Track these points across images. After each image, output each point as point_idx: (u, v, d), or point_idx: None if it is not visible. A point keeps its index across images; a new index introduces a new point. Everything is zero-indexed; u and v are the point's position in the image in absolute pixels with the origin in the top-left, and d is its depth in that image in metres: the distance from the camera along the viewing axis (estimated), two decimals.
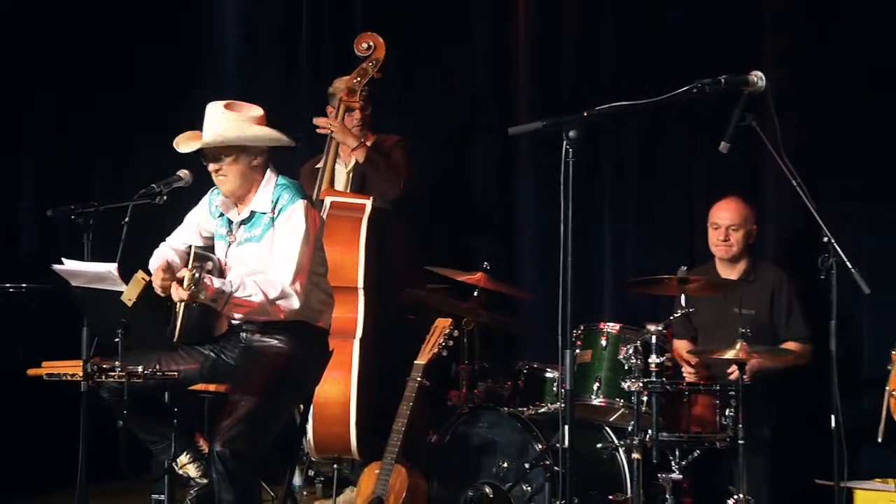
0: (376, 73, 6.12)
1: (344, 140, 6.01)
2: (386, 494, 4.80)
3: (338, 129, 6.00)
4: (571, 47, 6.86)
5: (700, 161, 6.35)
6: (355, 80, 6.10)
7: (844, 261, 4.27)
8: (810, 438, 5.04)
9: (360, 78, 6.10)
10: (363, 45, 6.16)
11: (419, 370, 5.02)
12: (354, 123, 6.10)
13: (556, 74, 6.88)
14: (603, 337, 5.34)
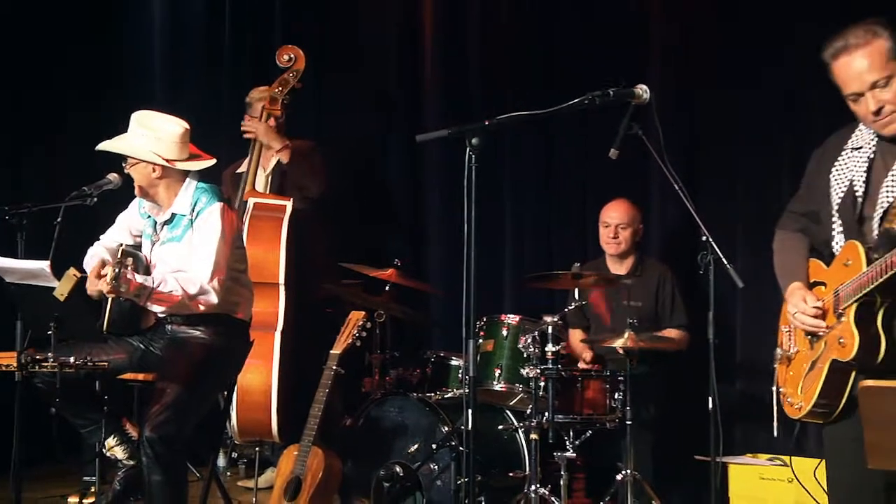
0: (297, 83, 6.09)
1: (270, 142, 5.97)
2: (304, 474, 4.78)
3: (263, 133, 5.97)
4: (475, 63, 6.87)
5: (592, 165, 6.39)
6: (277, 89, 6.08)
7: (720, 257, 4.31)
8: (690, 418, 5.08)
9: (281, 87, 6.07)
10: (284, 57, 6.13)
11: (335, 359, 4.99)
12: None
13: (461, 86, 6.89)
14: (504, 328, 5.34)
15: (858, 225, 3.30)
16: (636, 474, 4.94)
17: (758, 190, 5.74)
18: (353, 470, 5.23)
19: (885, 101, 3.19)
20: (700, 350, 4.65)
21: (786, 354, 3.56)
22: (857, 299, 3.17)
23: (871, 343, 3.15)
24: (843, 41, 3.23)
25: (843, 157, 3.39)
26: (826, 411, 3.34)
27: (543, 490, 4.87)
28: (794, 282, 3.47)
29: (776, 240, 3.67)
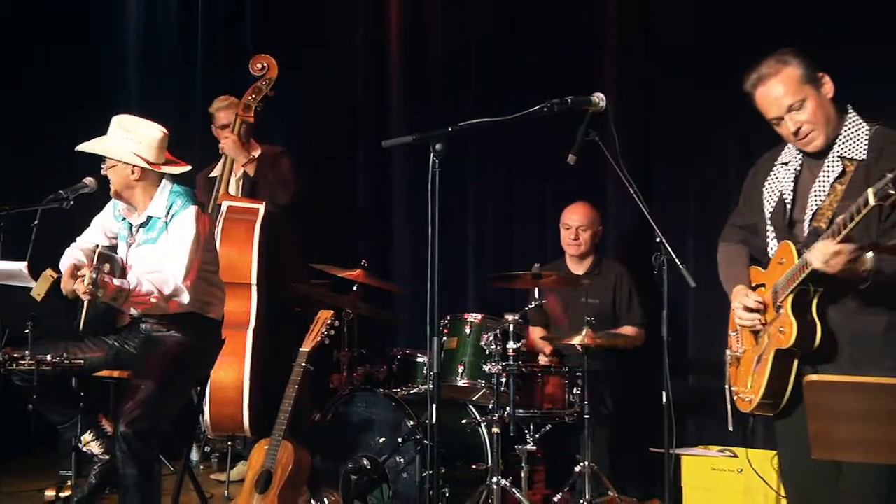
0: (269, 91, 6.09)
1: (236, 157, 5.98)
2: (274, 467, 4.77)
3: (230, 149, 5.96)
4: (439, 70, 6.89)
5: (552, 170, 6.42)
6: (250, 96, 6.07)
7: (674, 258, 4.34)
8: (645, 412, 5.12)
9: (254, 95, 6.07)
10: (257, 66, 6.12)
11: (304, 356, 4.99)
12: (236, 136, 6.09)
13: (425, 93, 6.91)
14: (467, 326, 5.36)
15: (789, 229, 3.48)
16: (594, 466, 4.96)
17: (708, 194, 5.78)
18: (322, 463, 5.22)
19: (802, 122, 3.38)
20: (654, 347, 4.69)
21: (734, 355, 3.67)
22: (791, 290, 3.31)
23: (809, 329, 3.29)
24: (757, 73, 3.44)
25: (773, 173, 3.59)
26: (774, 402, 3.44)
27: (505, 481, 4.88)
28: (738, 285, 3.61)
29: (720, 251, 3.83)
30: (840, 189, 3.33)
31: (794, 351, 3.33)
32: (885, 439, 2.64)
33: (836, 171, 3.38)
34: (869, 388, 2.67)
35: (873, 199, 2.96)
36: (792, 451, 3.55)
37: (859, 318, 3.34)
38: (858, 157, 3.35)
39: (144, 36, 7.53)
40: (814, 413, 2.68)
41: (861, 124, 3.41)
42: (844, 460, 3.27)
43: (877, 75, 5.06)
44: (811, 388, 2.67)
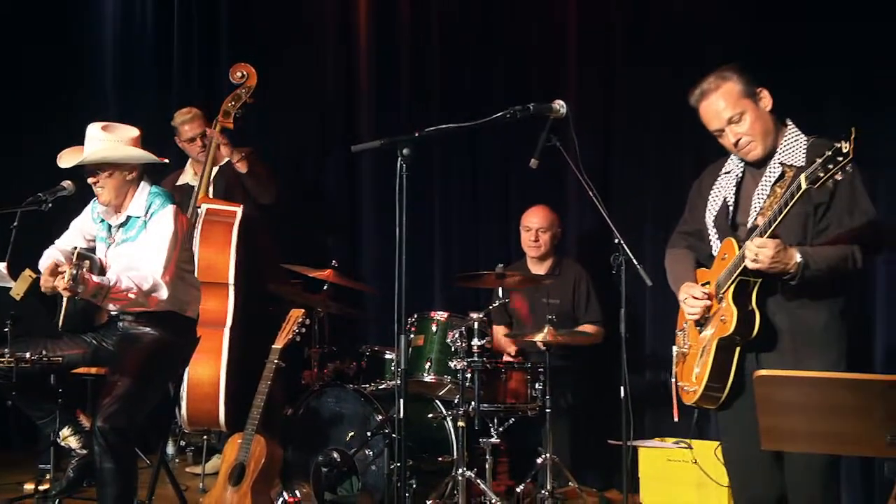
0: (249, 98, 6.08)
1: (228, 155, 5.97)
2: (247, 460, 4.76)
3: (223, 143, 5.95)
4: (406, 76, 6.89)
5: (514, 173, 6.44)
6: (230, 104, 6.07)
7: (631, 258, 4.37)
8: (604, 406, 5.16)
9: (234, 102, 6.06)
10: (238, 74, 6.11)
11: (276, 353, 4.98)
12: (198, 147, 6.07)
13: (394, 98, 6.91)
14: (433, 323, 5.36)
15: (732, 231, 3.56)
16: (555, 457, 4.99)
17: (665, 197, 5.81)
18: (293, 456, 5.21)
19: (742, 133, 3.49)
20: (613, 343, 4.71)
21: (681, 351, 3.74)
22: (732, 281, 3.40)
23: (748, 318, 3.38)
24: (700, 89, 3.55)
25: (717, 182, 3.69)
26: (716, 394, 3.50)
27: (470, 473, 4.89)
28: (685, 283, 3.69)
29: (667, 257, 3.91)
30: (779, 192, 3.39)
31: (735, 339, 3.40)
32: (829, 431, 2.68)
33: (775, 175, 3.46)
34: (815, 383, 2.71)
35: (805, 183, 3.07)
36: (734, 442, 3.63)
37: (798, 309, 3.43)
38: (797, 164, 3.42)
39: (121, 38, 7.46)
40: (763, 406, 2.71)
41: (799, 135, 3.51)
42: (792, 451, 3.32)
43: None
44: (761, 382, 2.70)
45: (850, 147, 2.93)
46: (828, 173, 2.98)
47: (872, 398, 2.57)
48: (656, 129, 5.94)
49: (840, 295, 3.47)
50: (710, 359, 3.44)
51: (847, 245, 3.35)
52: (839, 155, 2.95)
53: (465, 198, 6.70)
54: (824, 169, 2.98)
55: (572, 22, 6.32)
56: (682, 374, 3.69)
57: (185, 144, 6.19)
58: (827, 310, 3.43)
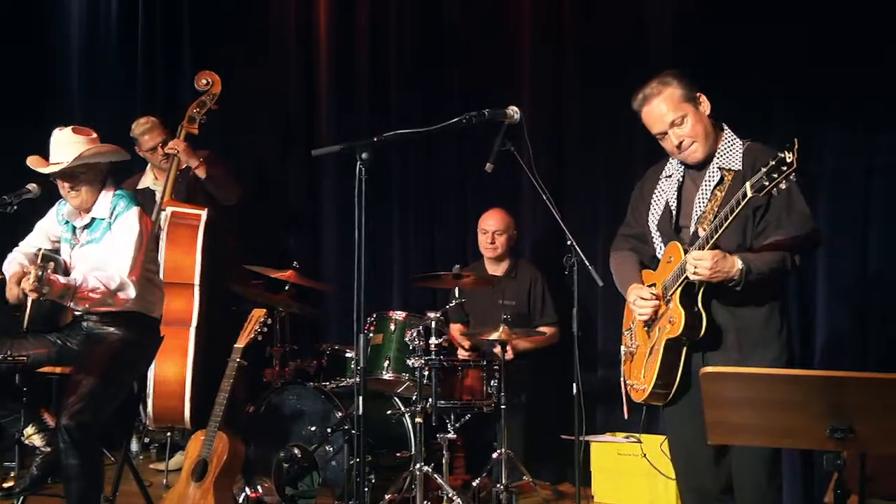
0: (213, 105, 6.04)
1: (188, 160, 5.90)
2: (210, 457, 4.73)
3: (183, 151, 5.89)
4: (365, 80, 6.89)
5: (471, 177, 6.43)
6: (195, 110, 6.03)
7: (583, 259, 4.39)
8: (557, 402, 5.17)
9: (199, 109, 6.02)
10: (202, 81, 6.07)
11: (238, 352, 4.95)
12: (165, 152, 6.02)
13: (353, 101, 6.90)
14: (392, 323, 5.35)
15: (675, 234, 3.59)
16: (510, 452, 5.00)
17: (616, 200, 5.82)
18: (255, 452, 5.20)
19: (684, 136, 3.52)
20: (566, 341, 4.73)
21: (629, 351, 3.76)
22: (679, 284, 3.42)
23: (695, 319, 3.40)
24: (643, 94, 3.58)
25: (658, 185, 3.71)
26: (664, 391, 3.53)
27: (427, 468, 4.89)
28: (633, 284, 3.71)
29: (612, 259, 3.94)
30: (720, 196, 3.46)
31: (683, 339, 3.43)
32: (772, 425, 2.71)
33: (715, 180, 3.51)
34: (759, 379, 2.74)
35: (750, 191, 3.10)
36: (680, 437, 3.66)
37: (741, 309, 3.47)
38: (735, 168, 3.49)
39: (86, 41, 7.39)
40: (709, 402, 2.74)
41: (735, 139, 3.56)
42: (737, 444, 3.36)
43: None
44: (707, 378, 2.73)
45: (793, 157, 2.96)
46: (772, 182, 3.01)
47: (812, 393, 2.61)
48: (607, 134, 5.96)
49: (779, 293, 3.52)
50: (659, 358, 3.47)
51: (785, 245, 3.39)
52: (783, 164, 2.98)
53: (423, 200, 6.70)
54: (769, 178, 3.01)
55: (525, 29, 6.33)
56: (631, 373, 3.72)
57: (147, 154, 6.13)
58: (767, 308, 3.48)
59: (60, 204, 4.47)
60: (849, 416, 2.57)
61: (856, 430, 2.58)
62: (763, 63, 5.20)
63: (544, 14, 6.26)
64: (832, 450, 2.67)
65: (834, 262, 5.06)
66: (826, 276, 5.09)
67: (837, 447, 2.64)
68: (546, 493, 5.35)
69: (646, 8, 5.83)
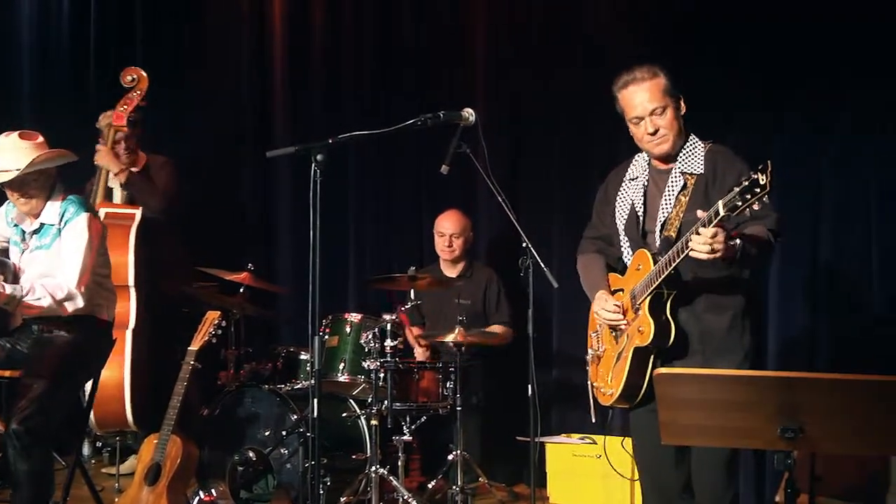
0: (141, 101, 5.92)
1: (107, 166, 5.75)
2: (163, 460, 4.68)
3: (102, 157, 5.75)
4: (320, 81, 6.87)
5: (427, 179, 6.44)
6: (122, 107, 5.88)
7: (538, 261, 4.41)
8: (512, 404, 5.18)
9: (126, 106, 5.88)
10: (128, 78, 5.94)
11: (192, 355, 4.91)
12: (122, 149, 5.92)
13: (308, 105, 6.88)
14: (347, 325, 5.34)
15: (643, 239, 3.61)
16: (465, 454, 5.01)
17: (571, 201, 5.86)
18: (210, 455, 5.17)
19: (660, 126, 3.54)
20: (521, 343, 4.74)
21: (595, 354, 3.77)
22: (649, 293, 3.43)
23: (664, 328, 3.42)
24: (631, 75, 3.58)
25: (623, 188, 3.72)
26: (632, 394, 3.55)
27: (383, 470, 4.89)
28: (599, 290, 3.71)
29: (579, 263, 3.94)
30: (684, 201, 3.48)
31: (651, 348, 3.45)
32: (724, 425, 2.74)
33: (679, 185, 3.53)
34: (710, 380, 2.77)
35: (723, 210, 3.09)
36: (644, 438, 3.68)
37: (706, 317, 3.49)
38: (697, 172, 3.51)
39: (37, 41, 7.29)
40: (662, 403, 2.76)
41: (697, 143, 3.59)
42: (690, 445, 3.39)
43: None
44: (659, 380, 2.75)
45: (766, 180, 2.97)
46: (746, 203, 3.00)
47: (763, 394, 2.64)
48: (562, 136, 6.00)
49: (742, 298, 3.54)
50: (627, 366, 3.49)
51: (764, 232, 3.39)
52: (756, 186, 2.96)
53: (379, 202, 6.70)
54: (742, 198, 3.01)
55: (480, 29, 6.35)
56: (597, 376, 3.74)
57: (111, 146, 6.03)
58: (730, 313, 3.50)
59: (9, 205, 4.40)
60: (799, 417, 2.61)
61: (805, 431, 2.61)
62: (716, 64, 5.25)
63: (500, 12, 6.28)
64: (783, 450, 2.70)
65: (785, 264, 5.12)
66: (777, 278, 5.15)
67: (788, 447, 2.67)
68: (501, 495, 5.36)
69: (600, 12, 5.87)
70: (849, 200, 5.07)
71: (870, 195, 5.02)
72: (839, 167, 5.09)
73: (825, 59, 5.03)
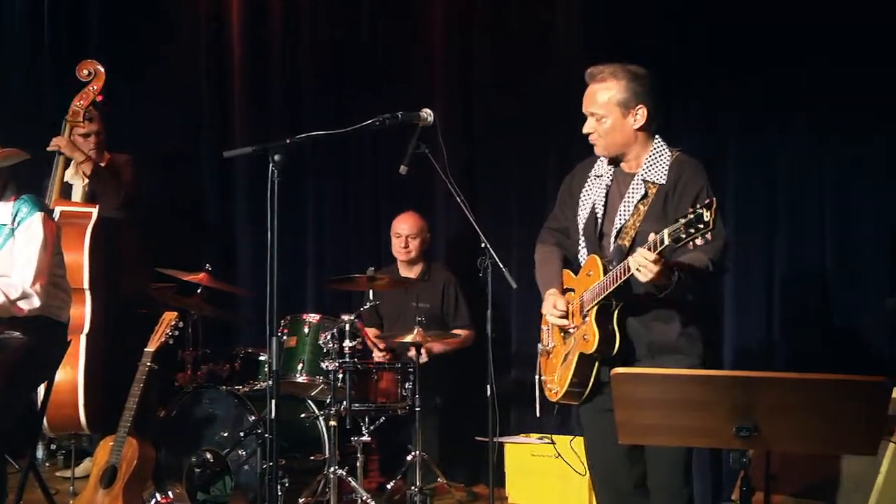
0: (98, 96, 5.84)
1: (71, 155, 5.66)
2: (119, 463, 4.64)
3: (64, 146, 5.67)
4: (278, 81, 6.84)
5: (385, 179, 6.43)
6: (79, 102, 5.80)
7: (497, 262, 4.41)
8: (471, 404, 5.19)
9: (82, 101, 5.79)
10: (84, 72, 5.85)
11: (149, 356, 4.86)
12: (90, 146, 5.84)
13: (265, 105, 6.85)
14: (306, 325, 5.33)
15: (599, 241, 3.60)
16: (424, 455, 5.01)
17: (529, 202, 5.89)
18: (166, 457, 5.13)
19: (594, 131, 3.54)
20: (480, 343, 4.74)
21: (545, 349, 3.78)
22: (597, 303, 3.43)
23: (609, 338, 3.42)
24: (598, 70, 3.55)
25: (588, 184, 3.69)
26: (578, 392, 3.56)
27: (341, 471, 4.88)
28: (550, 288, 3.71)
29: (537, 252, 3.92)
30: (643, 210, 3.47)
31: (596, 356, 3.46)
32: (680, 424, 2.76)
33: (639, 193, 3.51)
34: (667, 379, 2.79)
35: (668, 240, 3.10)
36: (595, 437, 3.69)
37: (656, 326, 3.49)
38: (659, 182, 3.49)
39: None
40: (619, 402, 2.77)
41: (664, 150, 3.55)
42: (647, 444, 3.40)
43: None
44: (617, 379, 2.76)
45: (710, 217, 2.98)
46: (689, 236, 3.02)
47: (719, 393, 2.66)
48: (520, 136, 6.02)
49: (693, 304, 3.52)
50: (572, 369, 3.50)
51: (704, 261, 3.39)
52: (700, 223, 2.97)
53: (338, 202, 6.68)
54: (686, 232, 3.02)
55: (437, 28, 6.36)
56: (546, 370, 3.75)
57: (78, 139, 5.95)
58: (680, 323, 3.49)
59: None
60: (754, 416, 2.63)
61: (761, 429, 2.64)
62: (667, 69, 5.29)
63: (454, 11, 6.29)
64: (738, 448, 2.73)
65: (740, 267, 5.16)
66: (733, 281, 5.20)
67: (743, 446, 2.70)
68: (460, 495, 5.37)
69: (556, 15, 5.90)
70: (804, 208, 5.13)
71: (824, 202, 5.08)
72: (793, 175, 5.14)
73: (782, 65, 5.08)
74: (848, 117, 4.97)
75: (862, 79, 4.87)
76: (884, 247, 4.95)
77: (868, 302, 4.96)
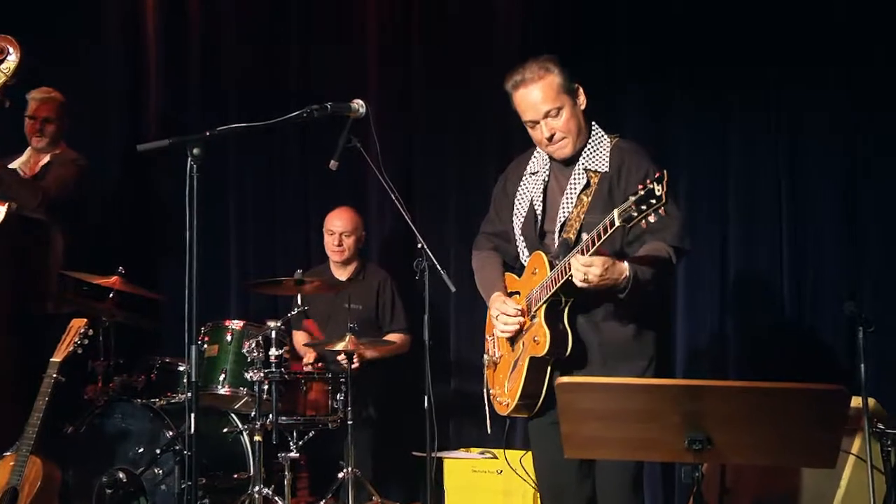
0: (11, 79, 5.64)
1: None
2: (21, 484, 4.57)
3: None
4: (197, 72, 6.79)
5: (314, 174, 6.41)
6: None
7: (435, 263, 4.41)
8: (408, 416, 5.19)
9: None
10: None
11: (55, 367, 4.79)
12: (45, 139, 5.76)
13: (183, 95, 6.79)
14: (228, 333, 5.29)
15: (540, 239, 3.63)
16: (357, 472, 5.00)
17: (468, 199, 5.90)
18: (74, 477, 5.07)
19: (556, 129, 3.55)
20: (417, 350, 4.74)
21: (492, 360, 3.79)
22: (545, 301, 3.46)
23: (561, 338, 3.45)
24: (521, 75, 3.56)
25: (523, 182, 3.73)
26: (530, 403, 3.57)
27: (267, 490, 4.86)
28: (494, 292, 3.73)
29: (474, 259, 3.95)
30: (586, 201, 3.51)
31: (548, 359, 3.47)
32: (628, 437, 2.79)
33: (581, 184, 3.55)
34: (613, 389, 2.82)
35: (618, 220, 3.13)
36: (544, 451, 3.71)
37: (607, 326, 3.53)
38: (601, 170, 3.54)
39: None
40: (564, 414, 2.80)
41: (603, 137, 3.61)
42: (594, 458, 3.43)
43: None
44: (562, 389, 2.78)
45: (662, 191, 3.01)
46: (641, 214, 3.05)
47: (669, 403, 2.69)
48: (457, 130, 6.04)
49: (645, 305, 3.56)
50: (523, 375, 3.51)
51: (663, 249, 3.45)
52: (652, 198, 3.01)
53: (262, 200, 6.63)
54: (637, 209, 3.05)
55: (372, 21, 6.35)
56: (494, 382, 3.76)
57: (27, 121, 5.81)
58: (633, 321, 3.54)
59: None
60: (706, 427, 2.66)
61: (714, 441, 2.67)
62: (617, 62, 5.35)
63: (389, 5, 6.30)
64: (691, 462, 2.76)
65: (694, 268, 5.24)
66: (685, 286, 5.27)
67: (696, 459, 2.73)
68: None
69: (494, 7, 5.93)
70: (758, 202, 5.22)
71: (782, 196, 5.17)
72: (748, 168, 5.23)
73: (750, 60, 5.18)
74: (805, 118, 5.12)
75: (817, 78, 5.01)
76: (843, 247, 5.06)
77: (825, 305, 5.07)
